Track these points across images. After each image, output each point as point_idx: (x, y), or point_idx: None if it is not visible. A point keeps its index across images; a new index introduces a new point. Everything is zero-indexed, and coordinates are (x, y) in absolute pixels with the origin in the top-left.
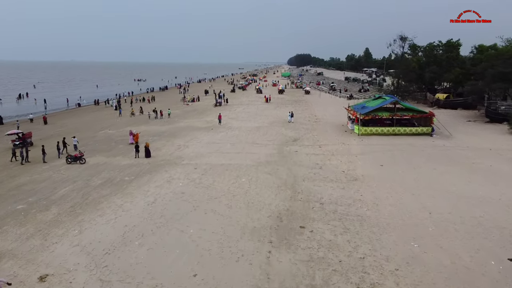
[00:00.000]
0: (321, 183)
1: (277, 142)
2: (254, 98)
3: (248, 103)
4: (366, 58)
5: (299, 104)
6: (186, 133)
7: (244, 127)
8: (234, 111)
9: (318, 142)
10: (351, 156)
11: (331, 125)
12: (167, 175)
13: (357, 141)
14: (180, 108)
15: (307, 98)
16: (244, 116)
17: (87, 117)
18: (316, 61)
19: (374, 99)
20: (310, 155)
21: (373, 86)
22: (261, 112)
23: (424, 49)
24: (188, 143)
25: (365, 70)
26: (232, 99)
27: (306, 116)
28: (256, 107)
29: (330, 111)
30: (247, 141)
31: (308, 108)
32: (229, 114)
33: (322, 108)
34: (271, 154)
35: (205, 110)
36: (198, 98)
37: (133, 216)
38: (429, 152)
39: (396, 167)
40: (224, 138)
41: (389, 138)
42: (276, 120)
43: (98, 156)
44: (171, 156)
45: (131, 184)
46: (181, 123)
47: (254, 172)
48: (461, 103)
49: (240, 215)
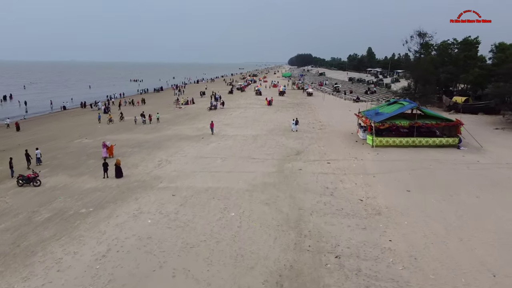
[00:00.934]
0: (334, 219)
1: (277, 156)
2: (253, 100)
3: (246, 106)
4: (369, 58)
5: (301, 108)
6: (172, 143)
7: (239, 136)
8: (230, 115)
9: (326, 156)
10: (367, 177)
11: (339, 133)
12: (136, 206)
13: (372, 154)
14: (172, 111)
15: (309, 101)
16: (240, 122)
17: (67, 122)
18: (317, 61)
19: (389, 104)
20: (318, 175)
21: (380, 88)
22: (259, 117)
23: (438, 47)
24: (172, 158)
25: (369, 70)
26: (229, 102)
27: (309, 121)
28: (255, 111)
29: (336, 116)
30: (241, 156)
31: (311, 112)
32: (224, 120)
33: (326, 112)
34: (270, 174)
35: (198, 115)
36: (192, 100)
37: (69, 282)
38: (463, 171)
39: (427, 193)
40: (214, 151)
41: (409, 151)
42: (276, 127)
43: (61, 175)
44: (147, 176)
45: (85, 220)
46: (169, 131)
47: (247, 201)
48: (482, 108)
49: (224, 279)
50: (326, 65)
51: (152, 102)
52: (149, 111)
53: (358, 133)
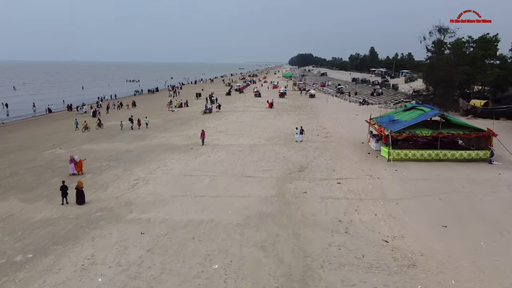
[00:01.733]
0: (353, 275)
1: (276, 174)
2: (251, 103)
3: (243, 110)
4: (371, 57)
5: (303, 111)
6: (156, 155)
7: (234, 147)
8: (225, 120)
9: (335, 174)
10: (389, 204)
11: (347, 142)
12: (89, 251)
13: (390, 171)
14: (163, 115)
15: (312, 103)
16: (236, 128)
17: (46, 128)
18: (318, 61)
19: (406, 109)
20: (327, 201)
21: (386, 89)
22: (258, 122)
23: (452, 46)
24: (151, 175)
25: (373, 70)
26: (226, 104)
27: (313, 128)
28: (253, 115)
29: (342, 121)
30: (234, 173)
31: (314, 116)
32: (218, 125)
33: (331, 116)
34: (268, 199)
35: (190, 119)
36: (186, 103)
37: None
38: (506, 196)
39: (469, 230)
40: (203, 166)
41: (433, 166)
42: (276, 135)
43: (12, 199)
44: (116, 202)
45: (15, 276)
46: (156, 139)
47: (237, 243)
48: (505, 112)
49: None
50: (327, 65)
51: (143, 105)
52: (139, 115)
53: (369, 143)
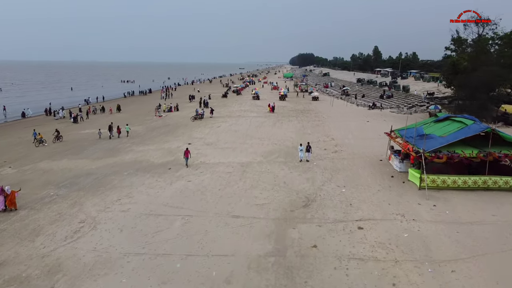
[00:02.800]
0: None
1: (274, 211)
2: (249, 106)
3: (239, 115)
4: (375, 57)
5: (306, 116)
6: (121, 180)
7: (222, 166)
8: (217, 128)
9: (354, 211)
10: (441, 271)
11: (362, 159)
12: None
13: (426, 206)
14: (148, 122)
15: (316, 107)
16: (228, 139)
17: (7, 138)
18: (319, 61)
19: (438, 120)
20: (347, 263)
21: (396, 90)
22: (254, 130)
23: (475, 43)
24: (104, 215)
25: (379, 70)
26: (220, 108)
27: (319, 139)
28: (249, 122)
29: (352, 129)
30: (216, 210)
31: (319, 123)
32: (208, 136)
33: (339, 123)
34: (260, 261)
35: (178, 127)
36: (176, 107)
37: None
38: None
39: None
40: (178, 197)
41: (480, 197)
42: (274, 149)
43: None
44: (38, 266)
45: None
46: (130, 153)
47: None
48: None
49: None
50: (328, 65)
51: (130, 109)
52: (122, 121)
53: (390, 161)
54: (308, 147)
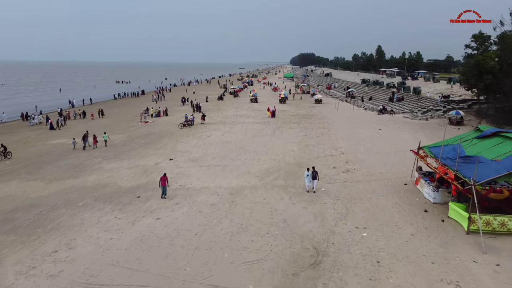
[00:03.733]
0: None
1: (267, 277)
2: (246, 111)
3: (234, 121)
4: (378, 57)
5: (310, 123)
6: (69, 217)
7: (205, 194)
8: (207, 139)
9: (383, 276)
10: None
11: (381, 181)
12: None
13: (486, 265)
14: (131, 129)
15: (319, 111)
16: (217, 154)
17: None
18: (320, 61)
19: (482, 136)
20: None
21: (406, 93)
22: (249, 141)
23: (501, 40)
24: None
25: (384, 70)
26: (214, 112)
27: (326, 152)
28: (245, 130)
29: (363, 139)
30: (186, 275)
31: (325, 131)
32: (194, 149)
33: (347, 131)
34: None
35: (162, 136)
36: (165, 111)
37: None
38: None
39: None
40: (134, 251)
41: None
42: (273, 167)
43: None
44: None
45: None
46: (95, 174)
47: None
48: None
49: None
50: (329, 64)
51: (115, 113)
52: (102, 127)
53: (418, 185)
54: (314, 173)
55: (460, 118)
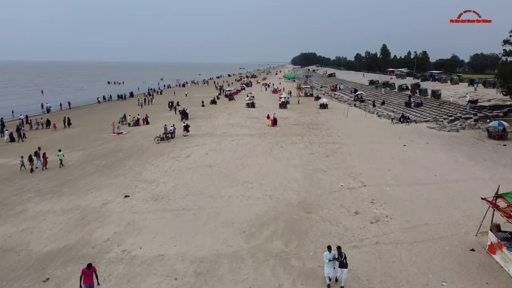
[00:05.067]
0: None
1: None
2: (240, 118)
3: (224, 132)
4: (384, 56)
5: (316, 135)
6: None
7: (155, 277)
8: (185, 160)
9: None
10: None
11: (432, 245)
12: None
13: None
14: (98, 143)
15: (326, 118)
16: (192, 187)
17: None
18: (322, 60)
19: None
20: None
21: (423, 96)
22: (238, 165)
23: None
24: None
25: (391, 70)
26: (203, 120)
27: (341, 182)
28: (235, 146)
29: (388, 162)
30: None
31: (336, 148)
32: (163, 178)
33: (363, 146)
34: None
35: (130, 155)
36: (146, 119)
37: None
38: None
39: None
40: None
41: None
42: (267, 211)
43: None
44: None
45: None
46: (8, 223)
47: None
48: None
49: None
50: (331, 64)
51: (87, 122)
52: (64, 141)
53: (495, 255)
54: (341, 257)
55: (503, 130)
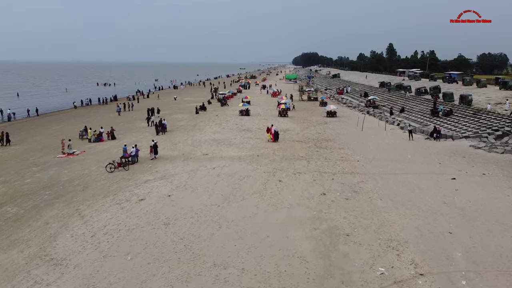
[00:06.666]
0: None
1: None
2: (229, 131)
3: (205, 154)
4: (390, 56)
5: (327, 159)
6: None
7: None
8: (134, 209)
9: None
10: None
11: None
12: None
13: None
14: (31, 171)
15: (336, 131)
16: (120, 279)
17: None
18: (324, 60)
19: None
20: None
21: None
22: (212, 219)
23: None
24: None
25: (402, 71)
26: (181, 135)
27: (377, 259)
28: (215, 177)
29: (441, 210)
30: None
31: (357, 183)
32: (80, 256)
33: (397, 179)
34: None
35: (63, 194)
36: (111, 132)
37: None
38: None
39: None
40: None
41: None
42: None
43: None
44: None
45: None
46: None
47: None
48: None
49: None
50: (334, 64)
51: (42, 134)
52: None
53: None
54: None
55: None
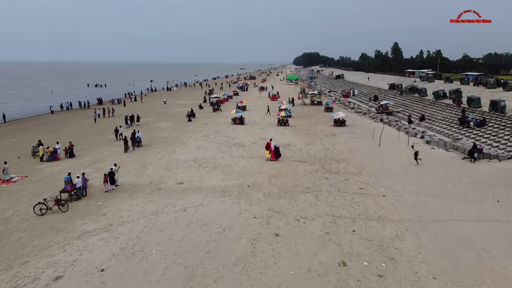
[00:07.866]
0: None
1: None
2: (216, 146)
3: (178, 183)
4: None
5: (340, 192)
6: None
7: None
8: None
9: None
10: None
11: None
12: None
13: None
14: None
15: (348, 146)
16: None
17: None
18: (325, 60)
19: None
20: None
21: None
22: None
23: None
24: None
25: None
26: (156, 152)
27: None
28: (182, 230)
29: None
30: None
31: (387, 235)
32: None
33: (442, 233)
34: None
35: None
36: (69, 148)
37: None
38: None
39: None
40: None
41: None
42: None
43: None
44: None
45: None
46: None
47: None
48: None
49: None
50: (336, 64)
51: None
52: None
53: None
54: None
55: None
